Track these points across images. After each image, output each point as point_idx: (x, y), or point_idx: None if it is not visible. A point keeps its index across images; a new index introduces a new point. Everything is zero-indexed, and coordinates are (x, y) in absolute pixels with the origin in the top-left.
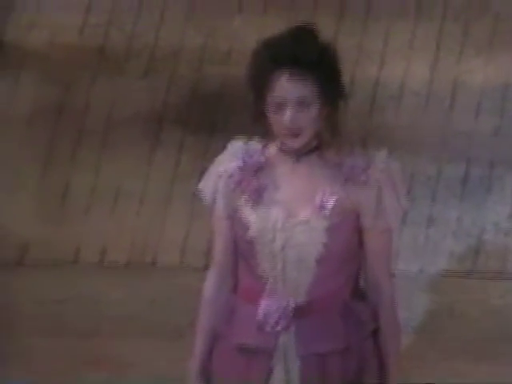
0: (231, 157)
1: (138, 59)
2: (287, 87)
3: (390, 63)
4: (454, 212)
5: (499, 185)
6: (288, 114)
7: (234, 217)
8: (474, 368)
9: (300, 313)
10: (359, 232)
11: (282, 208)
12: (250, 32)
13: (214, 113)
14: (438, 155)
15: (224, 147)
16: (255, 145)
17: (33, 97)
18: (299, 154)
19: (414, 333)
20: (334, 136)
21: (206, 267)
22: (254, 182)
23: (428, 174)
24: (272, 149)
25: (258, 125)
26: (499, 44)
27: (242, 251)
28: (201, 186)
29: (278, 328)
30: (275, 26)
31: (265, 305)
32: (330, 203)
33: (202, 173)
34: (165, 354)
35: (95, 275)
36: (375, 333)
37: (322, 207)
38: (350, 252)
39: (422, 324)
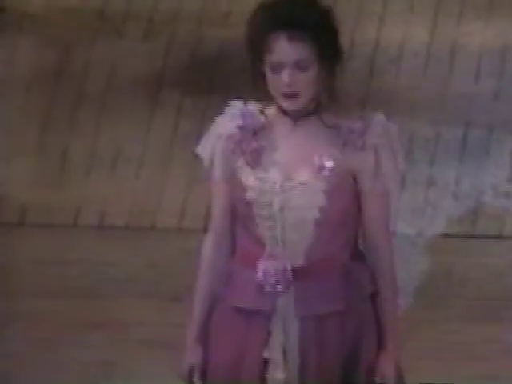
0: (231, 117)
1: (137, 22)
2: (286, 49)
3: (390, 26)
4: (453, 174)
5: (498, 147)
6: (286, 75)
7: (232, 179)
8: (474, 329)
9: (299, 275)
10: (357, 195)
11: (280, 170)
12: None
13: (212, 75)
14: (436, 117)
15: (223, 110)
16: (254, 106)
17: (32, 60)
18: (298, 117)
19: (413, 295)
20: (332, 99)
21: (205, 230)
22: (253, 142)
23: (427, 136)
24: (271, 110)
25: (257, 86)
26: (498, 7)
27: (240, 214)
28: (199, 148)
29: (278, 288)
30: None
31: (264, 266)
32: (328, 166)
33: (200, 136)
34: (164, 316)
35: (94, 238)
36: (374, 295)
37: (320, 170)
38: (349, 215)
39: (421, 286)
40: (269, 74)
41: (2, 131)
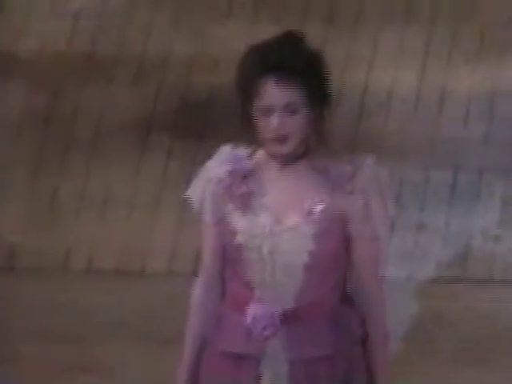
0: (220, 162)
1: (127, 67)
2: (274, 93)
3: (379, 70)
4: (443, 218)
5: (488, 191)
6: (275, 120)
7: (222, 223)
8: (464, 374)
9: (288, 319)
10: (347, 239)
11: (269, 214)
12: (239, 40)
13: (202, 120)
14: (426, 162)
15: (212, 154)
16: (244, 150)
17: (21, 104)
18: (286, 161)
19: (403, 339)
20: (320, 143)
21: (195, 274)
22: (242, 187)
23: (416, 180)
24: (260, 154)
25: (246, 131)
26: (487, 51)
27: (230, 257)
28: (189, 192)
29: (266, 333)
30: (264, 33)
31: (252, 311)
32: (318, 210)
33: (190, 179)
34: (153, 361)
35: (84, 282)
36: (364, 339)
37: (309, 214)
38: (338, 259)
39: (411, 330)
40: (258, 118)
41: None
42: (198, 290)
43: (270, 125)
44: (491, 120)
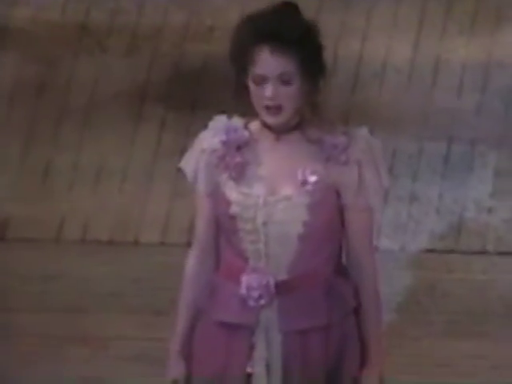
0: (214, 132)
1: (120, 37)
2: (269, 62)
3: (373, 41)
4: (436, 190)
5: (481, 163)
6: (269, 89)
7: (216, 193)
8: (457, 345)
9: (282, 289)
10: (341, 210)
11: (263, 184)
12: (234, 9)
13: (196, 90)
14: (419, 133)
15: (206, 124)
16: (238, 120)
17: (14, 74)
18: (281, 131)
19: (396, 310)
20: (314, 114)
21: (189, 245)
22: (237, 157)
23: (410, 151)
24: (255, 125)
25: (240, 101)
26: (481, 22)
27: (223, 228)
28: (183, 163)
29: (261, 302)
30: (260, 3)
31: (247, 280)
32: (312, 180)
33: (184, 150)
34: (147, 331)
35: (77, 252)
36: (357, 310)
37: (303, 184)
38: (332, 230)
39: (404, 301)
40: (252, 87)
41: None
42: (191, 261)
43: (264, 94)
44: (485, 91)
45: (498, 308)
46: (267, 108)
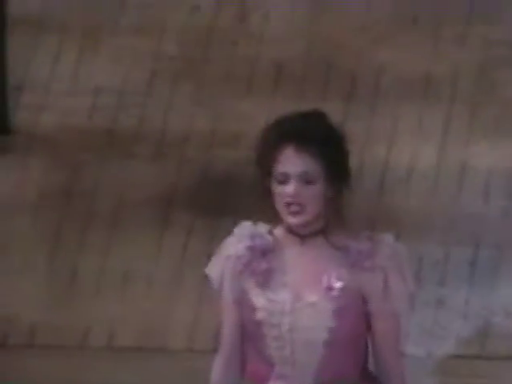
0: (239, 238)
1: (147, 143)
2: (293, 159)
3: (398, 146)
4: (463, 295)
5: (508, 267)
6: (291, 186)
7: (241, 299)
8: None
9: None
10: (366, 316)
11: (289, 291)
12: (259, 115)
13: (222, 196)
14: (446, 238)
15: (232, 230)
16: (263, 226)
17: (41, 180)
18: (305, 237)
19: None
20: (338, 219)
21: (215, 351)
22: (262, 263)
23: (436, 257)
24: (279, 230)
25: (264, 203)
26: (506, 127)
27: (249, 334)
28: (208, 269)
29: None
30: (284, 110)
31: None
32: (337, 286)
33: (210, 256)
34: None
35: (104, 359)
36: None
37: (329, 290)
38: (358, 335)
39: None
40: (275, 187)
41: (12, 251)
42: (217, 367)
43: (287, 191)
44: (511, 196)
45: None
46: (288, 206)
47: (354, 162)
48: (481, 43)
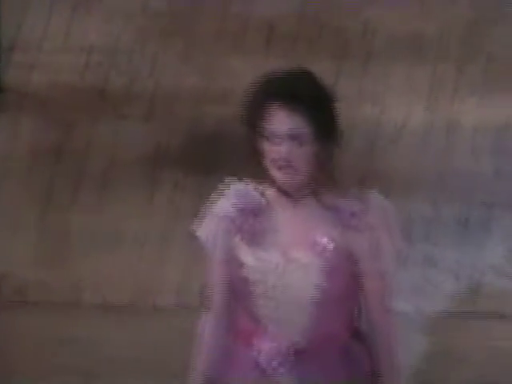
0: (230, 198)
1: (138, 102)
2: (282, 119)
3: (388, 105)
4: (453, 254)
5: (498, 226)
6: (282, 148)
7: (231, 258)
8: None
9: (299, 355)
10: (356, 275)
11: (279, 250)
12: (250, 72)
13: (212, 153)
14: (436, 196)
15: (221, 187)
16: (254, 187)
17: (33, 138)
18: (296, 197)
19: (411, 375)
20: (329, 179)
21: (204, 308)
22: (253, 224)
23: (426, 215)
24: (271, 191)
25: (253, 161)
26: (493, 84)
27: (238, 292)
28: (198, 228)
29: (280, 370)
30: (274, 68)
31: (265, 348)
32: (327, 246)
33: (199, 213)
34: None
35: (95, 317)
36: (375, 373)
37: (319, 250)
38: (348, 294)
39: (421, 366)
40: (265, 146)
41: (3, 209)
42: (206, 326)
43: (278, 152)
44: (500, 154)
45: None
46: (279, 168)
47: (344, 120)
48: (469, 1)
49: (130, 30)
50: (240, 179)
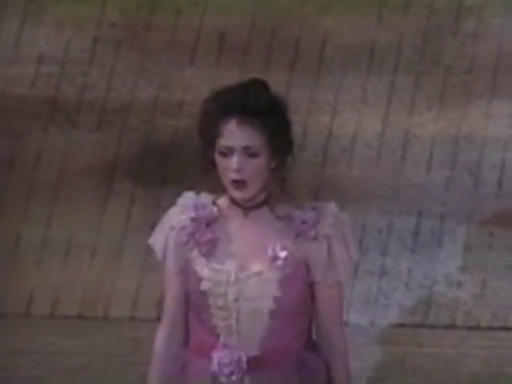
0: (183, 209)
1: (90, 112)
2: (235, 133)
3: (342, 115)
4: (406, 264)
5: (450, 237)
6: (235, 160)
7: (186, 270)
8: None
9: (253, 365)
10: (310, 285)
11: (234, 261)
12: (203, 84)
13: (165, 165)
14: (389, 207)
15: (175, 200)
16: (207, 197)
17: None
18: (249, 207)
19: None
20: (282, 190)
21: (158, 320)
22: (207, 233)
23: (379, 226)
24: (223, 201)
25: (208, 175)
26: (450, 97)
27: (194, 304)
28: (152, 240)
29: (233, 378)
30: (228, 79)
31: (218, 357)
32: (282, 256)
33: (153, 225)
34: None
35: (46, 328)
36: None
37: (274, 260)
38: (303, 304)
39: (374, 376)
40: (218, 160)
41: None
42: (160, 337)
43: (230, 165)
44: (454, 166)
45: (466, 383)
46: (233, 182)
47: (297, 131)
48: (425, 11)
49: (82, 40)
50: (196, 192)
